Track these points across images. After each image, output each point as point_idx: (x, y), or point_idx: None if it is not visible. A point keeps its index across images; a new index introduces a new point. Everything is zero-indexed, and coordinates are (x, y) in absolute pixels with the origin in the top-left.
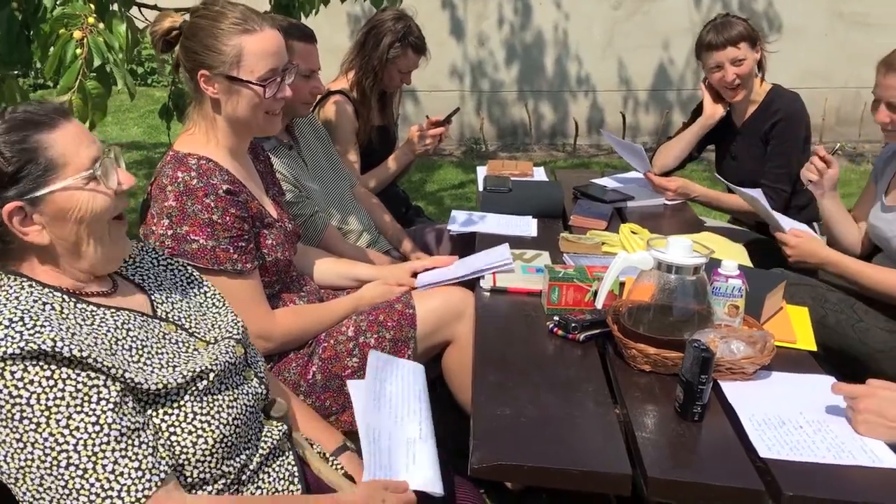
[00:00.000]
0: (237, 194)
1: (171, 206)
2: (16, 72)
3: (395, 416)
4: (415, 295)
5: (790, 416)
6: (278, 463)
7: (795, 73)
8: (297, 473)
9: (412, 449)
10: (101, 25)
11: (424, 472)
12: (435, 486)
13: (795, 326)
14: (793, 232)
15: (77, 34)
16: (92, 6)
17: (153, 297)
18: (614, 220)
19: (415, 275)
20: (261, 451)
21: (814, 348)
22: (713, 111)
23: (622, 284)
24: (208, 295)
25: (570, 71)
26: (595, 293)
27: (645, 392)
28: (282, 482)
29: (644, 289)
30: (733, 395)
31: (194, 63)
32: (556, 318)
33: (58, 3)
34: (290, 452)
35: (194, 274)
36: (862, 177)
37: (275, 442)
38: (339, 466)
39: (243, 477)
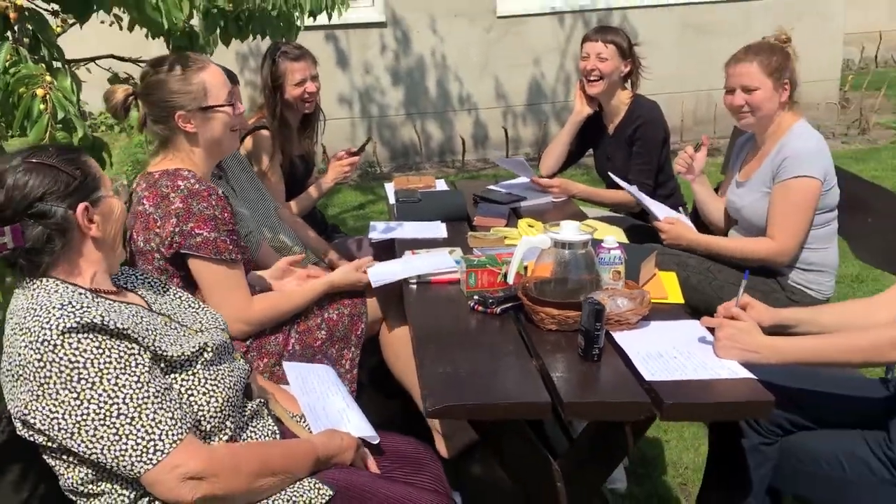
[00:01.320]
0: (227, 196)
1: (179, 207)
2: None
3: (322, 397)
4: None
5: (666, 350)
6: (261, 424)
7: (654, 79)
8: (276, 431)
9: (343, 415)
10: (56, 83)
11: (359, 426)
12: (371, 433)
13: (666, 287)
14: (667, 220)
15: (40, 91)
16: (43, 66)
17: (147, 299)
18: (511, 218)
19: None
20: (246, 414)
21: (682, 301)
22: (580, 109)
23: (526, 268)
24: (182, 299)
25: (452, 91)
26: (505, 275)
27: (554, 346)
28: (267, 437)
29: (545, 267)
30: (622, 340)
31: (167, 110)
32: (475, 297)
33: (8, 64)
34: (269, 416)
35: (168, 284)
36: (719, 168)
37: (255, 408)
38: (307, 427)
39: (235, 433)
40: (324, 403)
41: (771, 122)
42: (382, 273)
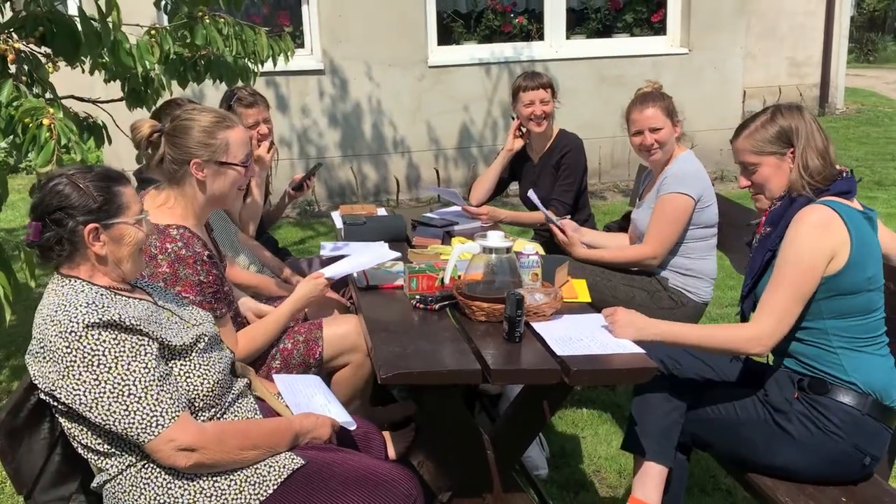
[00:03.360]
0: (213, 257)
1: (166, 272)
2: None
3: (308, 397)
4: (324, 321)
5: (574, 334)
6: (244, 402)
7: (574, 125)
8: (256, 408)
9: (325, 409)
10: (55, 114)
11: (339, 415)
12: (348, 419)
13: (577, 290)
14: (565, 227)
15: (46, 121)
16: (43, 99)
17: (153, 297)
18: (445, 238)
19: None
20: (232, 393)
21: (589, 300)
22: (512, 145)
23: (460, 276)
24: (179, 299)
25: (387, 135)
26: (442, 279)
27: (484, 332)
28: (248, 413)
29: (475, 274)
30: (540, 328)
31: (187, 155)
32: (417, 297)
33: (11, 98)
34: (251, 395)
35: (168, 290)
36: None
37: (240, 388)
38: (285, 404)
39: (224, 409)
40: (308, 402)
41: (670, 154)
42: (335, 270)
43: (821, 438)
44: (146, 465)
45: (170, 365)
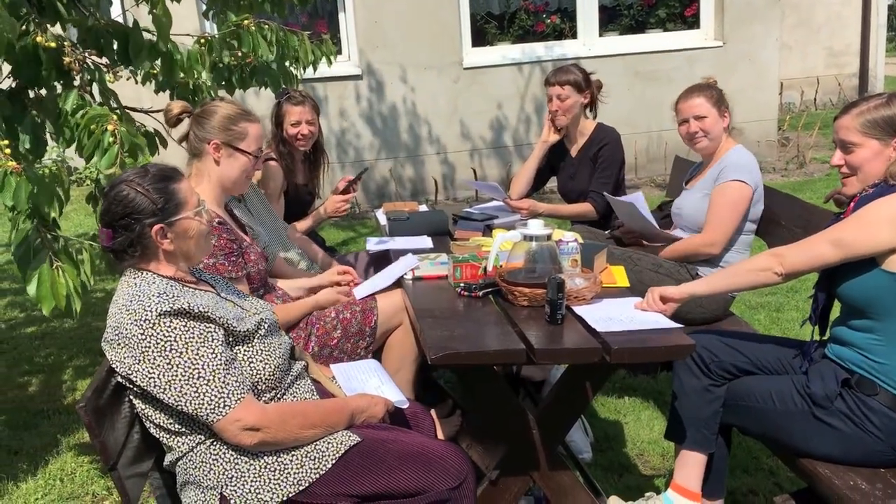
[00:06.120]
0: (225, 224)
1: None
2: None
3: (362, 382)
4: (378, 295)
5: (614, 315)
6: (301, 384)
7: (609, 121)
8: (313, 389)
9: (379, 390)
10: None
11: (392, 395)
12: (401, 399)
13: (616, 275)
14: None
15: (111, 127)
16: (108, 107)
17: (216, 288)
18: (486, 231)
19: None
20: (291, 376)
21: (627, 285)
22: (546, 136)
23: (502, 266)
24: (238, 293)
25: (424, 136)
26: (485, 268)
27: (527, 316)
28: (306, 394)
29: (517, 262)
30: (580, 311)
31: (209, 134)
32: (461, 286)
33: (77, 107)
34: (308, 377)
35: (228, 280)
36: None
37: (298, 371)
38: (339, 386)
39: (284, 391)
40: (362, 386)
41: (718, 144)
42: (367, 289)
43: (859, 434)
44: (214, 443)
45: (234, 350)
